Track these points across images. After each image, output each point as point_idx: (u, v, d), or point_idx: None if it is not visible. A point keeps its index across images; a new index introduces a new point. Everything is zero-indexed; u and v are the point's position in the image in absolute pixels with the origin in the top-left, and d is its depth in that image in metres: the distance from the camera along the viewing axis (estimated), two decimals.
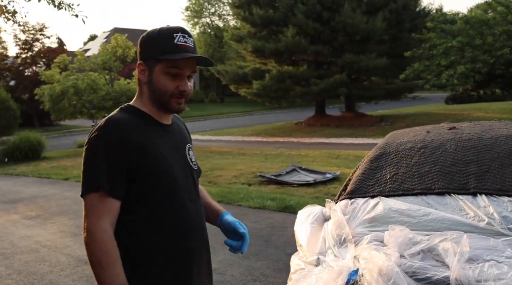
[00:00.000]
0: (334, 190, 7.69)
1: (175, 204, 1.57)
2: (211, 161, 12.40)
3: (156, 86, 1.58)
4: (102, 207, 1.46)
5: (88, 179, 1.48)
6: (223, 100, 49.33)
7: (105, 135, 1.50)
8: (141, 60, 1.60)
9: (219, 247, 4.99)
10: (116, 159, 1.48)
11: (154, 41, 1.59)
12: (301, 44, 22.17)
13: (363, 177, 2.26)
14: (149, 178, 1.53)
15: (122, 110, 1.61)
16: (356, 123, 23.10)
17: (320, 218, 2.21)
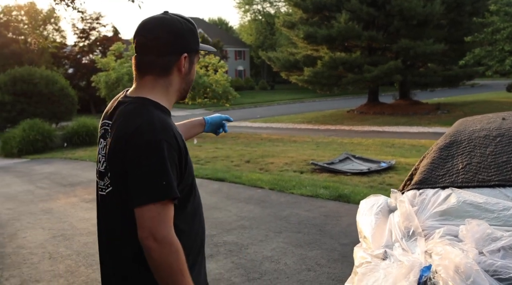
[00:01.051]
0: (389, 180, 7.46)
1: (197, 194, 1.61)
2: (262, 148, 12.37)
3: (191, 77, 1.60)
4: (170, 215, 1.40)
5: (154, 188, 1.37)
6: (273, 87, 49.20)
7: (164, 139, 1.40)
8: (186, 53, 1.54)
9: (272, 235, 4.96)
10: (174, 162, 1.42)
11: (192, 33, 1.57)
12: (355, 30, 21.68)
13: (432, 166, 2.12)
14: (188, 175, 1.50)
15: (151, 106, 1.49)
16: (410, 111, 22.43)
17: (384, 209, 2.09)
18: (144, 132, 1.38)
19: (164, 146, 1.37)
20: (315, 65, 23.20)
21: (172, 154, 1.40)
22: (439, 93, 29.82)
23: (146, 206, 1.35)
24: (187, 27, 1.54)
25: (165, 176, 1.36)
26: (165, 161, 1.37)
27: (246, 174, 8.37)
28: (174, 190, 1.38)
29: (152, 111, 1.45)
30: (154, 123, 1.41)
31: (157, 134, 1.39)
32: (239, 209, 6.12)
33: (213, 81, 18.86)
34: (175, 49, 1.51)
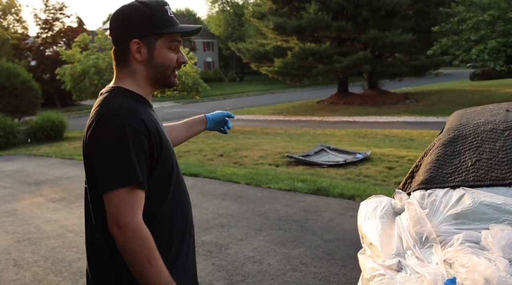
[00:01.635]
0: (366, 171, 7.39)
1: (180, 182, 1.56)
2: (234, 141, 12.15)
3: (159, 62, 1.50)
4: (136, 202, 1.36)
5: (117, 174, 1.34)
6: (242, 79, 48.91)
7: (129, 124, 1.36)
8: (136, 38, 1.47)
9: (252, 233, 4.78)
10: (142, 148, 1.38)
11: (150, 16, 1.47)
12: (324, 20, 21.60)
13: (438, 163, 1.96)
14: (164, 163, 1.46)
15: (117, 94, 1.47)
16: (380, 101, 22.59)
17: (389, 211, 1.92)
18: (108, 119, 1.37)
19: (128, 131, 1.34)
20: (285, 56, 23.04)
21: (138, 139, 1.36)
22: (406, 82, 30.18)
23: (110, 193, 1.34)
24: (137, 12, 1.47)
25: (127, 162, 1.34)
26: (128, 146, 1.34)
27: (221, 168, 8.16)
28: (137, 176, 1.34)
29: (121, 99, 1.43)
30: (119, 110, 1.38)
31: (121, 120, 1.36)
32: (215, 206, 5.90)
33: (183, 73, 18.45)
34: (124, 36, 1.48)
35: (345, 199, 5.83)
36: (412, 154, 8.36)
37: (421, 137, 11.46)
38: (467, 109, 2.53)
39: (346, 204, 5.60)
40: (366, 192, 5.92)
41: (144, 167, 1.37)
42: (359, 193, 5.90)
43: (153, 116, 1.48)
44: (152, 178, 1.41)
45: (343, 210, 5.37)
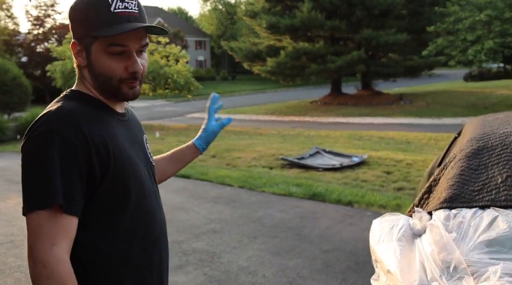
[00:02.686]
0: (363, 176, 7.17)
1: (143, 211, 1.27)
2: (226, 141, 11.90)
3: (99, 71, 1.22)
4: (56, 229, 1.09)
5: (35, 193, 1.09)
6: (234, 78, 48.64)
7: (57, 131, 1.10)
8: (75, 39, 1.22)
9: (246, 240, 4.55)
10: (73, 163, 1.10)
11: (84, 13, 1.19)
12: (317, 19, 21.42)
13: (463, 179, 1.73)
14: (114, 183, 1.18)
15: (69, 97, 1.24)
16: (373, 102, 22.44)
17: (407, 232, 1.69)
18: (37, 125, 1.13)
19: (56, 139, 1.09)
20: (278, 56, 22.83)
21: (69, 151, 1.10)
22: (400, 83, 30.08)
23: (28, 216, 1.10)
24: (76, 8, 1.22)
25: (47, 178, 1.08)
26: (51, 158, 1.08)
27: (213, 170, 7.92)
28: (56, 196, 1.08)
29: (66, 102, 1.19)
30: (52, 113, 1.14)
31: (49, 125, 1.11)
32: (207, 210, 5.66)
33: (174, 71, 18.19)
34: (73, 36, 1.24)
35: (343, 205, 5.61)
36: (410, 158, 8.17)
37: (418, 139, 11.28)
38: (487, 116, 2.31)
39: (344, 211, 5.38)
40: (364, 198, 5.72)
41: (77, 187, 1.11)
42: (357, 199, 5.68)
43: (108, 125, 1.21)
44: (93, 202, 1.15)
45: (341, 217, 5.15)
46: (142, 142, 1.37)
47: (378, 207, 5.47)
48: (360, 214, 5.26)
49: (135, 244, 1.24)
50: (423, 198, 1.92)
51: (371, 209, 5.42)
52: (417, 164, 7.73)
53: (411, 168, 7.44)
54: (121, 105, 1.33)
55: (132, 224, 1.23)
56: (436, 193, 1.83)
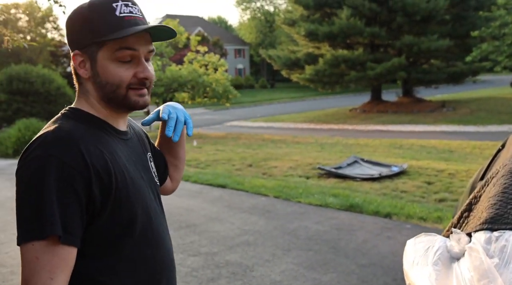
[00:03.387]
0: (402, 186, 6.95)
1: (148, 237, 1.18)
2: (264, 150, 11.86)
3: (105, 79, 1.14)
4: (54, 261, 1.01)
5: (30, 222, 1.00)
6: (273, 86, 48.68)
7: (55, 155, 1.02)
8: (77, 50, 1.14)
9: (279, 253, 4.45)
10: (72, 189, 1.02)
11: (88, 20, 1.12)
12: (357, 26, 21.15)
13: (506, 197, 1.60)
14: (116, 209, 1.09)
15: (68, 117, 1.14)
16: (415, 109, 21.92)
17: (444, 255, 1.57)
18: (32, 148, 1.05)
19: (52, 164, 1.01)
20: (317, 63, 22.68)
21: (66, 176, 1.01)
22: (442, 90, 29.31)
23: (23, 247, 1.01)
24: (78, 14, 1.14)
25: (43, 206, 0.99)
26: (47, 184, 0.99)
27: (249, 179, 7.87)
28: (55, 226, 0.99)
29: (64, 122, 1.11)
30: (49, 135, 1.05)
31: (45, 149, 1.03)
32: (242, 221, 5.60)
33: (213, 80, 18.35)
34: (70, 47, 1.17)
35: (381, 217, 5.42)
36: (452, 168, 7.87)
37: (461, 148, 10.88)
38: None
39: (382, 223, 5.21)
40: (404, 209, 5.52)
41: (76, 215, 1.02)
42: (396, 210, 5.49)
43: (109, 146, 1.13)
44: (93, 230, 1.07)
45: (379, 230, 4.98)
46: (146, 161, 1.29)
47: (418, 219, 5.27)
48: (399, 227, 5.07)
49: (139, 275, 1.16)
50: (462, 217, 1.79)
51: (410, 222, 5.23)
52: (460, 174, 7.43)
53: (453, 179, 7.16)
54: (124, 122, 1.25)
55: (136, 252, 1.15)
56: (476, 212, 1.69)
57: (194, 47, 18.96)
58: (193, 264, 4.25)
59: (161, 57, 19.18)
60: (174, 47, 19.85)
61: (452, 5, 21.70)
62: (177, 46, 19.79)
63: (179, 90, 18.71)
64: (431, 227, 4.98)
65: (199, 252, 4.56)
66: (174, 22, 19.18)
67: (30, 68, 22.54)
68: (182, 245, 4.78)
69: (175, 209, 6.24)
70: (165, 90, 18.14)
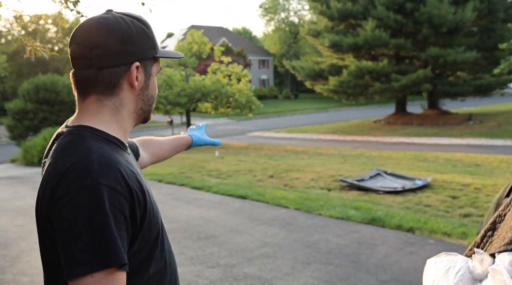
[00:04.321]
0: (426, 200, 6.81)
1: (166, 248, 1.21)
2: (286, 161, 11.82)
3: (152, 92, 1.21)
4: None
5: (95, 252, 0.95)
6: (297, 97, 48.66)
7: (105, 183, 0.99)
8: (138, 61, 1.13)
9: (299, 267, 4.40)
10: (123, 215, 1.00)
11: (144, 35, 1.15)
12: (382, 38, 21.00)
13: None
14: (148, 230, 1.09)
15: (91, 137, 1.08)
16: (440, 122, 21.57)
17: (466, 276, 1.51)
18: (76, 176, 0.98)
19: (105, 194, 0.97)
20: (341, 74, 22.58)
21: (118, 204, 0.99)
22: (469, 102, 28.77)
23: (81, 280, 0.95)
24: (137, 28, 1.14)
25: (106, 238, 0.96)
26: (106, 215, 0.96)
27: (270, 191, 7.83)
28: (119, 256, 0.97)
29: (91, 145, 1.05)
30: (91, 163, 1.00)
31: (94, 177, 0.98)
32: (262, 233, 5.56)
33: (236, 90, 18.44)
34: (122, 57, 1.11)
35: (403, 231, 5.31)
36: (478, 182, 7.68)
37: (488, 162, 10.63)
38: None
39: (405, 238, 5.10)
40: (427, 224, 5.40)
41: (126, 241, 1.01)
42: (419, 225, 5.37)
43: (133, 165, 1.13)
44: (132, 250, 1.06)
45: (401, 245, 4.87)
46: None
47: (441, 234, 5.15)
48: (422, 242, 4.96)
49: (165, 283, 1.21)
50: (486, 236, 1.72)
51: (434, 237, 5.10)
52: (486, 188, 7.25)
53: (479, 193, 6.99)
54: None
55: (159, 265, 1.17)
56: (500, 232, 1.63)
57: (218, 57, 19.09)
58: (212, 276, 4.23)
59: (185, 68, 19.37)
60: (198, 58, 20.03)
61: (480, 17, 21.37)
62: (201, 56, 19.96)
63: (202, 100, 18.84)
64: (455, 242, 4.85)
65: (218, 264, 4.54)
66: (198, 32, 19.38)
67: (57, 78, 23.02)
68: (201, 256, 4.77)
69: (195, 220, 6.25)
70: (189, 100, 18.29)
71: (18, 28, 39.52)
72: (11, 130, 22.62)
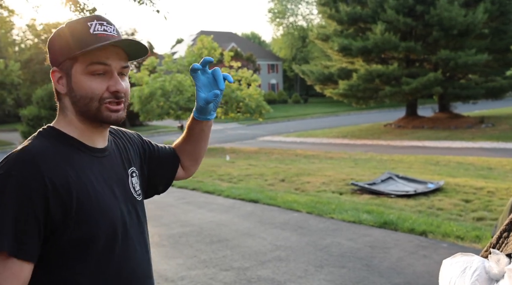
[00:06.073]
0: (439, 203, 6.78)
1: (116, 254, 1.20)
2: (297, 165, 11.82)
3: (79, 93, 1.19)
4: (4, 274, 1.04)
5: None
6: (306, 101, 48.60)
7: (15, 175, 1.06)
8: (55, 66, 1.21)
9: (312, 270, 4.41)
10: (28, 207, 1.06)
11: (64, 39, 1.20)
12: (391, 41, 20.96)
13: None
14: (78, 227, 1.12)
15: (41, 135, 1.21)
16: (452, 125, 21.43)
17: (482, 277, 1.51)
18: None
19: (8, 182, 1.05)
20: (351, 78, 22.55)
21: (24, 195, 1.05)
22: (480, 105, 28.54)
23: None
24: (55, 35, 1.22)
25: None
26: (4, 203, 1.04)
27: (281, 195, 7.84)
28: (5, 242, 1.03)
29: (30, 143, 1.16)
30: (14, 156, 1.11)
31: (9, 168, 1.08)
32: (274, 237, 5.57)
33: (246, 95, 18.48)
34: (52, 64, 1.23)
35: (416, 235, 5.30)
36: (491, 186, 7.63)
37: (501, 166, 10.54)
38: None
39: (417, 241, 5.08)
40: (440, 227, 5.38)
41: (30, 231, 1.05)
42: (432, 228, 5.36)
43: (77, 165, 1.17)
44: (53, 245, 1.10)
45: (414, 248, 4.86)
46: (124, 177, 1.32)
47: (455, 238, 5.13)
48: (435, 245, 4.94)
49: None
50: (502, 237, 1.72)
51: (447, 240, 5.09)
52: (500, 192, 7.19)
53: (493, 197, 6.94)
54: (103, 138, 1.29)
55: (99, 267, 1.16)
56: None
57: (227, 62, 19.15)
58: (225, 279, 4.25)
59: None
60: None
61: (491, 19, 21.25)
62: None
63: None
64: (468, 246, 4.83)
65: (231, 267, 4.56)
66: (208, 38, 19.47)
67: None
68: (215, 260, 4.79)
69: (207, 224, 6.28)
70: None
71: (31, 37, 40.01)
72: (25, 136, 22.91)
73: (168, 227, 6.22)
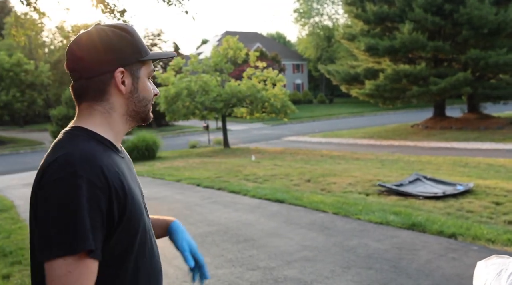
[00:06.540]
0: (468, 206, 6.65)
1: (148, 251, 1.26)
2: (322, 166, 11.77)
3: (143, 94, 1.29)
4: (86, 275, 1.07)
5: (62, 238, 1.05)
6: (332, 101, 48.33)
7: (82, 175, 1.08)
8: (121, 67, 1.24)
9: (339, 270, 4.39)
10: (98, 207, 1.09)
11: (131, 41, 1.26)
12: (419, 40, 20.66)
13: None
14: (128, 225, 1.17)
15: (82, 137, 1.20)
16: (481, 126, 21.00)
17: None
18: (58, 168, 1.09)
19: (83, 183, 1.07)
20: (377, 78, 22.32)
21: (94, 195, 1.08)
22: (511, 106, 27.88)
23: (53, 262, 1.04)
24: (117, 36, 1.25)
25: (77, 223, 1.05)
26: (80, 203, 1.05)
27: (307, 195, 7.82)
28: (88, 242, 1.05)
29: (79, 142, 1.17)
30: (71, 157, 1.11)
31: (74, 169, 1.08)
32: (301, 237, 5.56)
33: (271, 95, 18.50)
34: (106, 66, 1.22)
35: (445, 237, 5.21)
36: None
37: None
38: None
39: (447, 243, 5.00)
40: (470, 230, 5.27)
41: (99, 231, 1.09)
42: (461, 231, 5.26)
43: (119, 165, 1.21)
44: (108, 245, 1.13)
45: (443, 251, 4.79)
46: (136, 177, 1.37)
47: (485, 241, 5.02)
48: (465, 248, 4.85)
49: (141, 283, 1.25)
50: None
51: (477, 243, 4.98)
52: None
53: None
54: (120, 142, 1.34)
55: (138, 263, 1.22)
56: None
57: (253, 62, 19.20)
58: (252, 278, 4.27)
59: (221, 73, 19.57)
60: (233, 63, 20.18)
61: None
62: (236, 62, 20.11)
63: (237, 105, 18.98)
64: (500, 249, 4.73)
65: (257, 266, 4.57)
66: (233, 38, 19.55)
67: None
68: (241, 259, 4.81)
69: (233, 223, 6.31)
70: (224, 105, 18.46)
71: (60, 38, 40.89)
72: (55, 135, 23.30)
73: (195, 226, 6.28)
